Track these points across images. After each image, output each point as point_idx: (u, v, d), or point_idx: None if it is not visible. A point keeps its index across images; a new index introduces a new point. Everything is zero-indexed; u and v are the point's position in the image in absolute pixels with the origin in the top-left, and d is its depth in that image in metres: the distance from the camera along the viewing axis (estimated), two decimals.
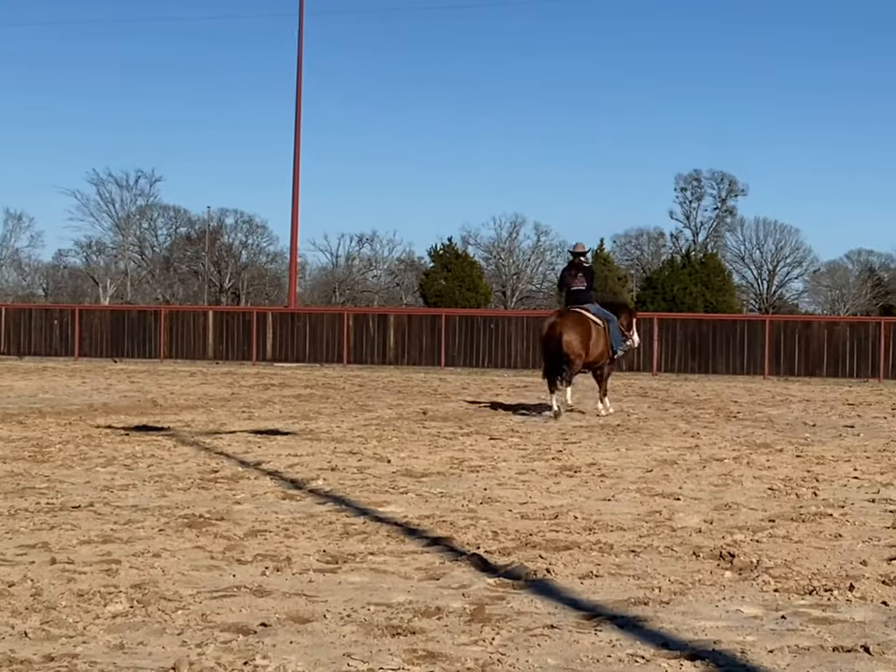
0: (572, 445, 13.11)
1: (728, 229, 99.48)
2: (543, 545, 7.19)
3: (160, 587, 5.87)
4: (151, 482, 9.74)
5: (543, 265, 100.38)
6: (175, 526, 7.66)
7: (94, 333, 37.90)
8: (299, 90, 40.90)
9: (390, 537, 7.42)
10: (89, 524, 7.71)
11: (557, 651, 4.85)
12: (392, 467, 11.01)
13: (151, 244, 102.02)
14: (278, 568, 6.40)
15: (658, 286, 76.08)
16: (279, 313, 38.06)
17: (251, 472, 10.43)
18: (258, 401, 19.89)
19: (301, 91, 40.89)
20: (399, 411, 18.18)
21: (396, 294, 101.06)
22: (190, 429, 14.38)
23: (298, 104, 40.90)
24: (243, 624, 5.17)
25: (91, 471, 10.35)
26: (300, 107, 40.88)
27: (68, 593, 5.70)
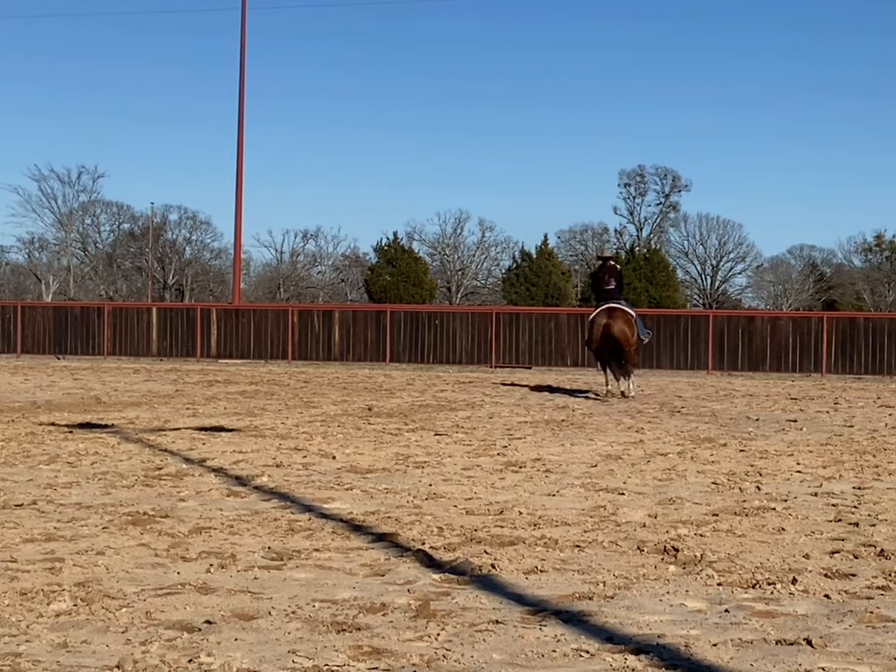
0: (517, 441, 13.15)
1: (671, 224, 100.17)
2: (488, 541, 7.21)
3: (104, 585, 5.83)
4: (95, 479, 9.68)
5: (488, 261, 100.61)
6: (120, 524, 7.61)
7: (37, 330, 37.58)
8: (242, 81, 40.73)
9: (335, 533, 7.42)
10: (32, 522, 7.65)
11: (502, 647, 4.86)
12: (337, 463, 11.00)
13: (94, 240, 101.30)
14: (223, 566, 6.37)
15: None
16: (223, 309, 37.90)
17: (196, 469, 10.38)
18: (202, 398, 19.79)
19: (244, 82, 40.74)
20: (344, 407, 18.16)
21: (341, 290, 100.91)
22: (134, 426, 14.30)
23: (241, 96, 40.73)
24: (187, 622, 5.15)
25: (33, 469, 10.26)
26: (242, 100, 40.71)
27: (11, 591, 5.65)
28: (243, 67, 40.73)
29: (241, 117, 40.72)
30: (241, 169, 40.67)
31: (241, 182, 40.69)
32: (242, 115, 40.70)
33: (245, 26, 40.72)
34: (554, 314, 36.40)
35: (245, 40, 40.73)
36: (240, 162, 40.67)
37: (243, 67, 40.73)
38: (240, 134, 40.73)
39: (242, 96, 40.70)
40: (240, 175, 40.67)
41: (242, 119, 40.72)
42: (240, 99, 40.70)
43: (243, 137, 40.75)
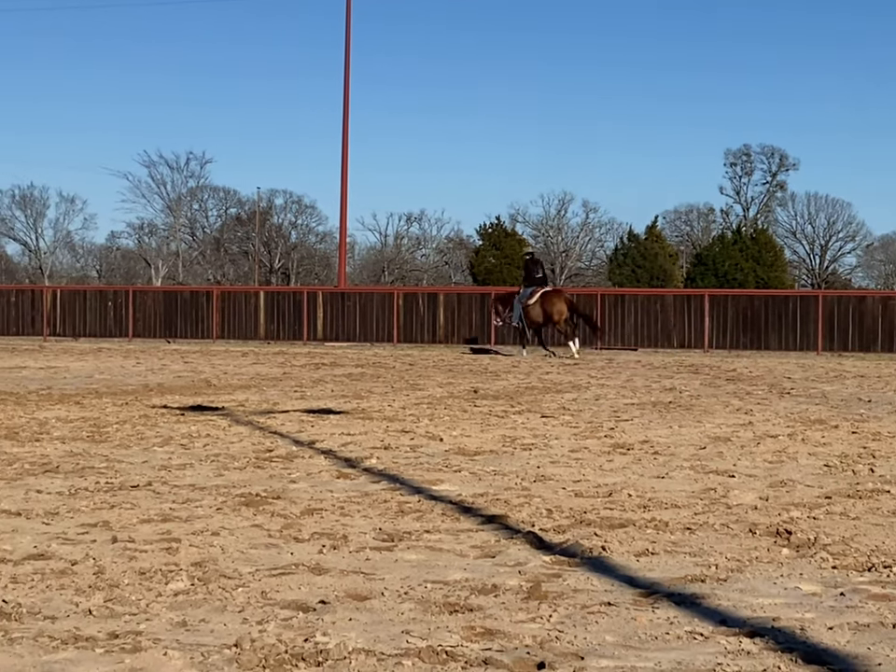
0: (624, 423, 13.10)
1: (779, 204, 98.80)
2: (598, 523, 7.20)
3: (219, 565, 5.92)
4: (208, 461, 9.82)
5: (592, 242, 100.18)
6: (233, 505, 7.72)
7: (148, 314, 38.19)
8: (347, 67, 40.91)
9: (445, 515, 7.45)
10: (148, 503, 7.78)
11: (615, 628, 4.86)
12: (445, 445, 11.04)
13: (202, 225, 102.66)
14: (335, 546, 6.44)
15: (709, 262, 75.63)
16: (329, 292, 38.21)
17: (305, 451, 10.49)
18: (309, 381, 19.98)
19: (349, 68, 40.92)
20: (450, 389, 18.21)
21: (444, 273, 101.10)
22: (244, 409, 14.47)
23: (346, 82, 40.92)
24: (302, 602, 5.21)
25: (148, 451, 10.44)
26: (348, 86, 40.90)
27: (130, 571, 5.76)
28: (348, 52, 40.93)
29: (346, 102, 40.93)
30: (346, 154, 40.90)
31: (346, 167, 40.93)
32: (347, 100, 40.92)
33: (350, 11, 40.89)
34: (660, 295, 36.16)
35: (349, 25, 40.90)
36: (345, 147, 40.90)
37: (348, 52, 40.93)
38: (345, 119, 40.96)
39: (347, 81, 40.90)
40: (345, 160, 40.91)
41: (347, 103, 40.93)
42: (345, 84, 40.90)
43: (348, 122, 40.98)
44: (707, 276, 73.60)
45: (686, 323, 33.93)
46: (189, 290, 42.63)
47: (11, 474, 8.98)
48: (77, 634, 4.67)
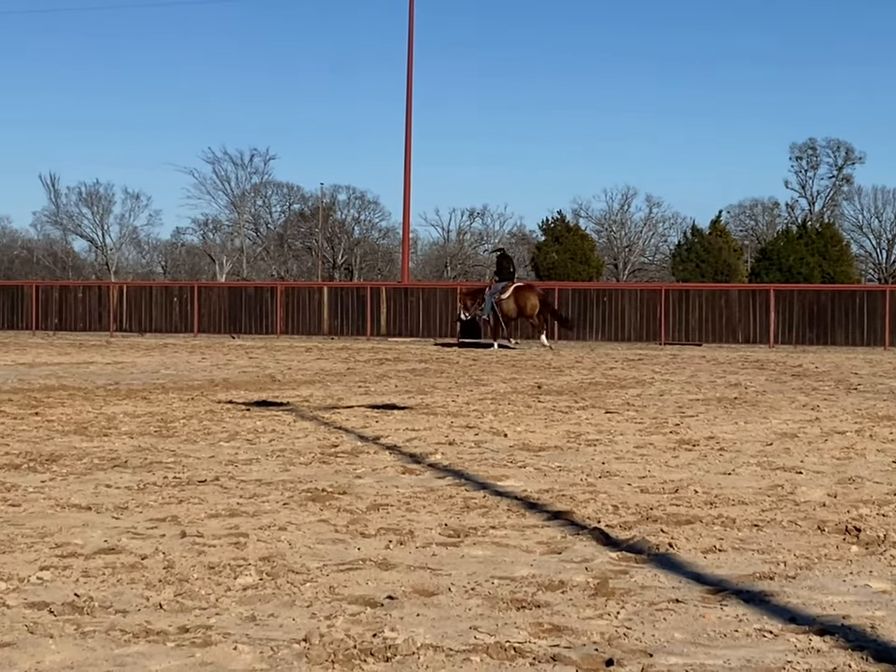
0: (689, 419, 13.03)
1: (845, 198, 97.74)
2: (664, 519, 7.17)
3: (287, 560, 5.96)
4: (274, 456, 9.88)
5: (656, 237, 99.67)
6: (299, 500, 7.76)
7: (212, 310, 38.44)
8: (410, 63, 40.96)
9: (510, 511, 7.45)
10: (215, 497, 7.84)
11: (683, 626, 4.84)
12: (509, 441, 11.04)
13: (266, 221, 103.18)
14: (401, 542, 6.45)
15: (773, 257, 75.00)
16: (393, 288, 38.28)
17: (370, 447, 10.52)
18: (373, 376, 20.04)
19: (412, 64, 40.96)
20: (513, 385, 18.21)
21: None
22: (309, 404, 14.54)
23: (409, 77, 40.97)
24: (370, 597, 5.23)
25: (214, 446, 10.52)
26: (411, 82, 40.95)
27: (199, 565, 5.81)
28: (411, 48, 40.98)
29: (409, 97, 40.99)
30: (409, 149, 40.95)
31: (409, 162, 40.99)
32: (410, 95, 40.98)
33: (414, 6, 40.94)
34: (725, 290, 35.93)
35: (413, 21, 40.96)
36: (408, 143, 40.96)
37: (411, 48, 40.98)
38: (408, 115, 41.01)
39: (410, 77, 40.96)
40: (408, 156, 40.97)
41: (410, 99, 40.99)
42: (408, 79, 40.96)
43: (411, 118, 41.03)
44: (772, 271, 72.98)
45: (751, 318, 33.70)
46: (253, 286, 42.90)
47: (81, 469, 9.08)
48: (149, 628, 4.72)
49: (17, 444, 10.45)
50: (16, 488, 8.13)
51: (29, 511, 7.33)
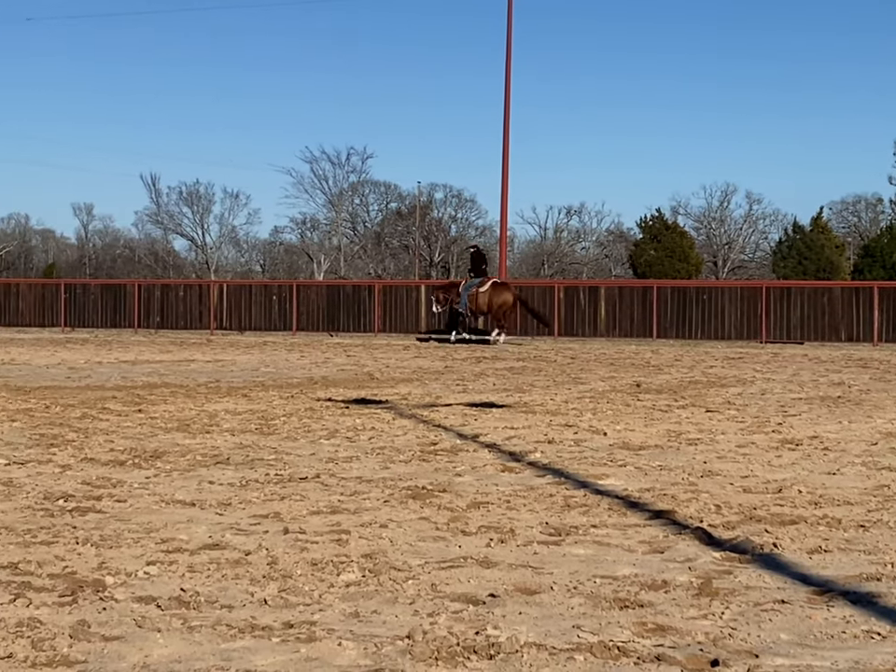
0: (792, 418, 12.88)
1: None
2: (768, 519, 7.10)
3: (389, 557, 5.99)
4: (373, 454, 9.93)
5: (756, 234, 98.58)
6: (400, 498, 7.79)
7: (311, 308, 38.72)
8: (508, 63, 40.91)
9: (611, 509, 7.42)
10: (317, 494, 7.90)
11: (789, 626, 4.79)
12: (609, 439, 10.99)
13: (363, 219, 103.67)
14: (502, 540, 6.46)
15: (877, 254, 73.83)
16: None
17: (469, 445, 10.53)
18: (471, 374, 20.06)
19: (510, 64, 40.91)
20: (612, 383, 18.13)
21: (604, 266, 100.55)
22: (408, 402, 14.60)
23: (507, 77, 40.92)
24: (472, 595, 5.24)
25: (315, 444, 10.59)
26: (509, 81, 40.91)
27: (302, 562, 5.86)
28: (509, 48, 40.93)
29: (507, 96, 40.95)
30: (507, 147, 40.92)
31: (507, 160, 40.95)
32: (508, 94, 40.93)
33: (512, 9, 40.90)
34: (828, 288, 35.47)
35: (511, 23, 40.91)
36: (506, 141, 40.92)
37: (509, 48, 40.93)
38: (506, 114, 40.97)
39: (508, 76, 40.91)
40: (506, 154, 40.93)
41: (508, 98, 40.95)
42: (506, 78, 40.91)
43: (509, 116, 40.99)
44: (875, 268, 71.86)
45: (854, 316, 33.22)
46: (351, 284, 43.12)
47: (184, 465, 9.20)
48: (254, 623, 4.77)
49: (122, 441, 10.61)
50: (122, 484, 8.26)
51: (135, 506, 7.45)
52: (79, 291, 42.19)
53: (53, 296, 42.10)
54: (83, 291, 42.18)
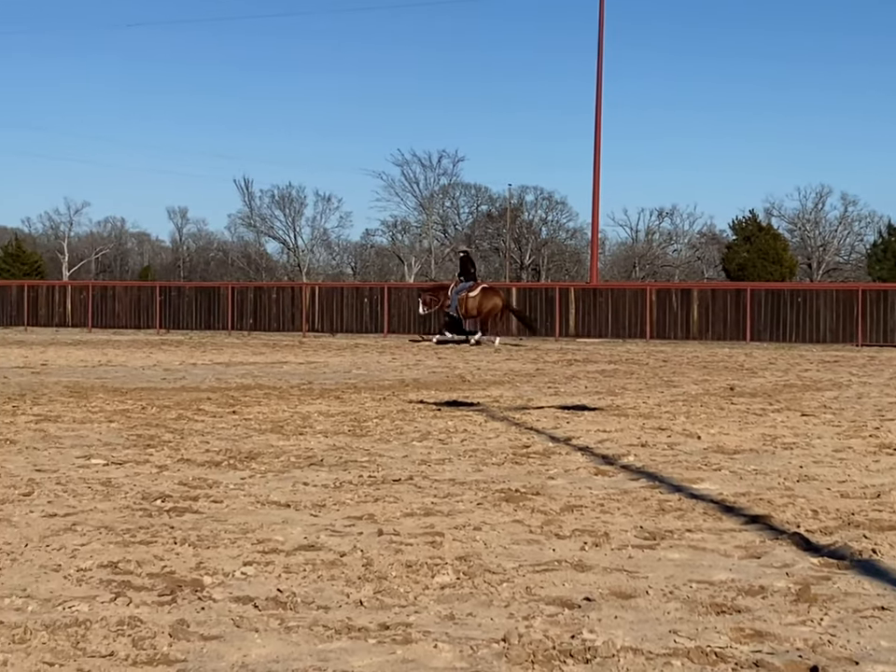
0: (889, 422, 12.70)
1: None
2: (867, 525, 7.00)
3: (483, 560, 5.99)
4: (466, 456, 9.94)
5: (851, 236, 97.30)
6: (493, 500, 7.79)
7: (402, 310, 38.85)
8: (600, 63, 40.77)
9: (707, 514, 7.36)
10: (410, 496, 7.93)
11: (890, 634, 4.72)
12: (703, 443, 10.91)
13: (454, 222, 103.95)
14: (597, 544, 6.43)
15: None
16: (581, 288, 38.17)
17: (562, 448, 10.51)
18: (563, 377, 20.02)
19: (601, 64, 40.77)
20: (705, 386, 17.99)
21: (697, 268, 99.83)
22: (499, 405, 14.59)
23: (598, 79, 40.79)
24: (567, 598, 5.23)
25: (407, 445, 10.63)
26: (601, 81, 40.77)
27: (397, 563, 5.88)
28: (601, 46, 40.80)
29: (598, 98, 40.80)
30: (598, 149, 40.78)
31: (598, 163, 40.82)
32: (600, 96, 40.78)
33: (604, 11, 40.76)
34: None
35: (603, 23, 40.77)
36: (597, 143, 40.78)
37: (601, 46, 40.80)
38: (598, 116, 40.83)
39: (599, 78, 40.77)
40: (597, 156, 40.80)
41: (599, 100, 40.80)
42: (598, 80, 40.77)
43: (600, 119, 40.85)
44: None
45: None
46: None
47: (279, 466, 9.27)
48: (350, 624, 4.80)
49: (217, 442, 10.72)
50: (217, 485, 8.35)
51: (231, 507, 7.52)
52: (174, 294, 42.74)
53: (149, 298, 42.67)
54: (178, 294, 42.72)
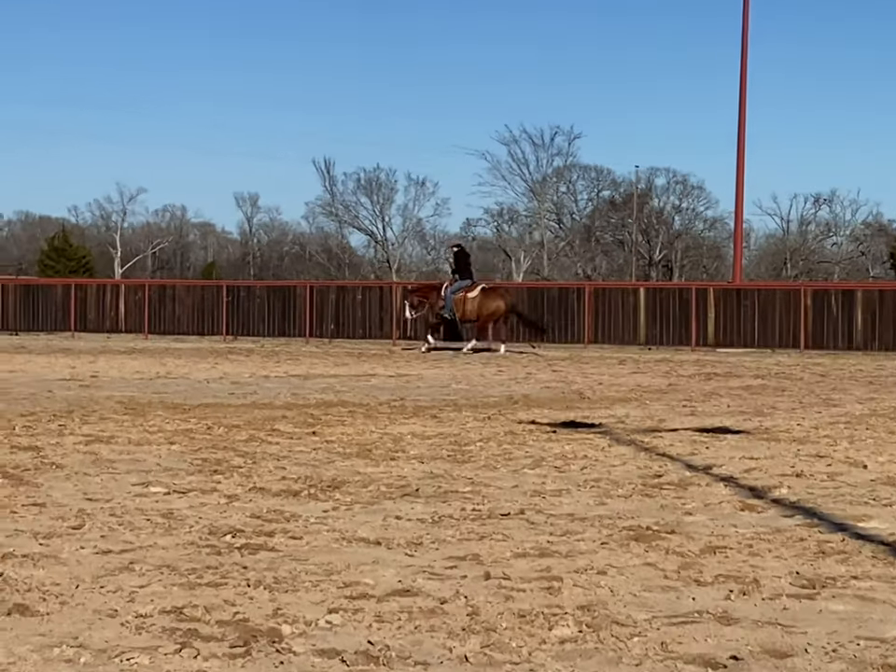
0: None
1: None
2: None
3: (610, 609, 5.98)
4: (587, 487, 9.93)
5: None
6: (620, 539, 7.78)
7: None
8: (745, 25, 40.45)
9: (875, 558, 7.29)
10: (522, 534, 7.93)
11: None
12: (870, 473, 10.80)
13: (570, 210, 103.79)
14: (744, 592, 6.39)
15: None
16: (722, 289, 38.00)
17: (700, 478, 10.46)
18: (700, 394, 19.93)
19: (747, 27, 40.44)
20: (871, 406, 17.81)
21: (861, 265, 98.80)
22: (625, 426, 14.56)
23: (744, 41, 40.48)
24: (710, 657, 5.20)
25: (517, 473, 10.64)
26: (746, 46, 40.46)
27: (507, 612, 5.89)
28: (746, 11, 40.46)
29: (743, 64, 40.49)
30: (743, 126, 40.50)
31: (743, 141, 40.54)
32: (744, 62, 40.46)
33: None
34: None
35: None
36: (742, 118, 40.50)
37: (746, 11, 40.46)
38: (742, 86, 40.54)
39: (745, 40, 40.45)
40: (742, 133, 40.52)
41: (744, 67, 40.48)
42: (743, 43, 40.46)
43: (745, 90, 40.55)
44: None
45: None
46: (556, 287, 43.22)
47: (367, 497, 9.32)
48: None
49: (295, 468, 10.81)
50: (296, 518, 8.41)
51: (312, 544, 7.58)
52: (243, 294, 43.17)
53: (213, 299, 43.14)
54: (247, 294, 43.14)
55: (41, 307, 45.25)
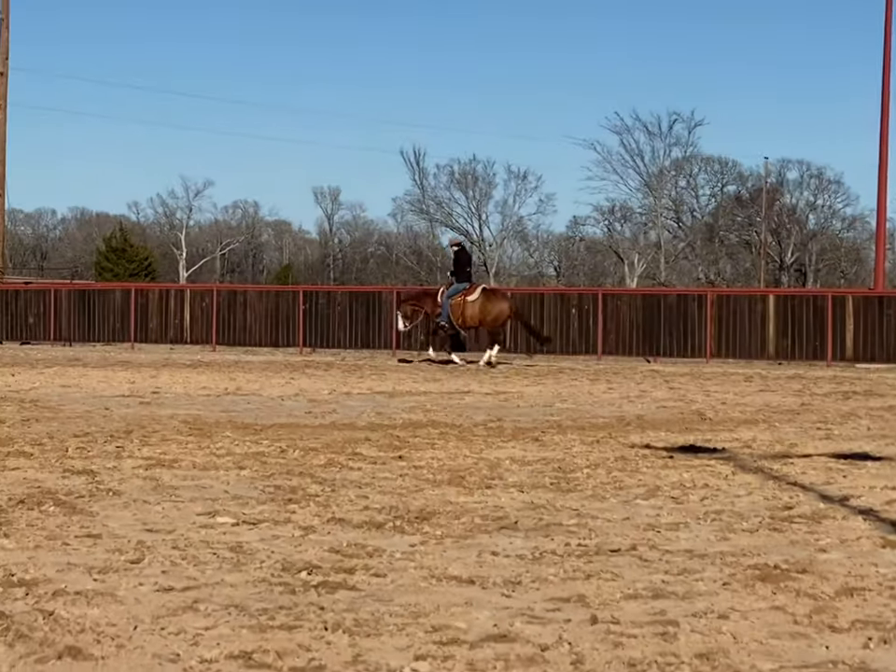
0: None
1: None
2: None
3: (731, 659, 5.95)
4: (707, 520, 9.88)
5: None
6: (744, 579, 7.74)
7: (621, 324, 38.83)
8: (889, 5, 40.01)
9: None
10: (633, 572, 7.91)
11: None
12: None
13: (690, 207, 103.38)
14: (885, 640, 6.34)
15: None
16: (863, 296, 37.68)
17: (836, 510, 10.39)
18: (837, 415, 19.78)
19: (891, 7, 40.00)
20: None
21: None
22: (751, 451, 14.48)
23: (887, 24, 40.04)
24: None
25: (629, 504, 10.61)
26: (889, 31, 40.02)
27: (616, 661, 5.88)
28: None
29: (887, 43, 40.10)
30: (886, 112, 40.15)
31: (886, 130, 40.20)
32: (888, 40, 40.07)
33: None
34: None
35: None
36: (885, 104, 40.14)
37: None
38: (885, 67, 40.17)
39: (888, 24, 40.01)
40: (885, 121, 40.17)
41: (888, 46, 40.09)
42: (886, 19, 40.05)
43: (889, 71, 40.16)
44: None
45: None
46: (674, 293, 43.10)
47: (460, 530, 9.33)
48: None
49: (378, 497, 10.84)
50: (380, 553, 8.44)
51: (397, 583, 7.59)
52: (322, 301, 43.33)
53: (289, 307, 43.34)
54: (327, 301, 43.30)
55: (98, 315, 45.63)
